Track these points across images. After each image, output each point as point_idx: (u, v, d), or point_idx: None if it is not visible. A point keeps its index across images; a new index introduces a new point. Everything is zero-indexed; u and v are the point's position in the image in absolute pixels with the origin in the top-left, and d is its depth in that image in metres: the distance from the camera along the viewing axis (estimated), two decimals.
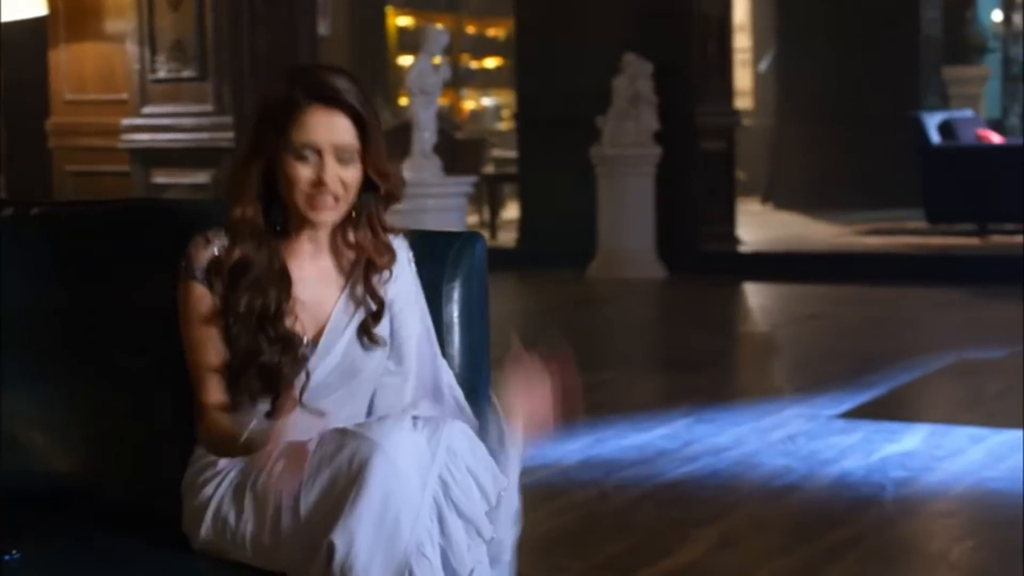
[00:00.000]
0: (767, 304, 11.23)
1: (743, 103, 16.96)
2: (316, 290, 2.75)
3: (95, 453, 2.96)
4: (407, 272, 2.83)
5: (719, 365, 8.56)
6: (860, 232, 13.97)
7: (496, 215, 15.28)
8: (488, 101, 22.26)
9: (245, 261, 2.69)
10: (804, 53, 16.77)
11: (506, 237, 13.24)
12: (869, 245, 13.10)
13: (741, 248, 12.67)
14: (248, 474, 2.61)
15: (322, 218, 2.70)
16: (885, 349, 8.49)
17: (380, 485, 2.43)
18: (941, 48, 17.06)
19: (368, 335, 2.74)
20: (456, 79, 19.15)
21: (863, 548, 4.74)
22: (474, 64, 21.93)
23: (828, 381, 7.45)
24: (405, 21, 20.88)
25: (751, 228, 13.52)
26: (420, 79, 9.64)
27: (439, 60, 9.94)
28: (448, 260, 2.97)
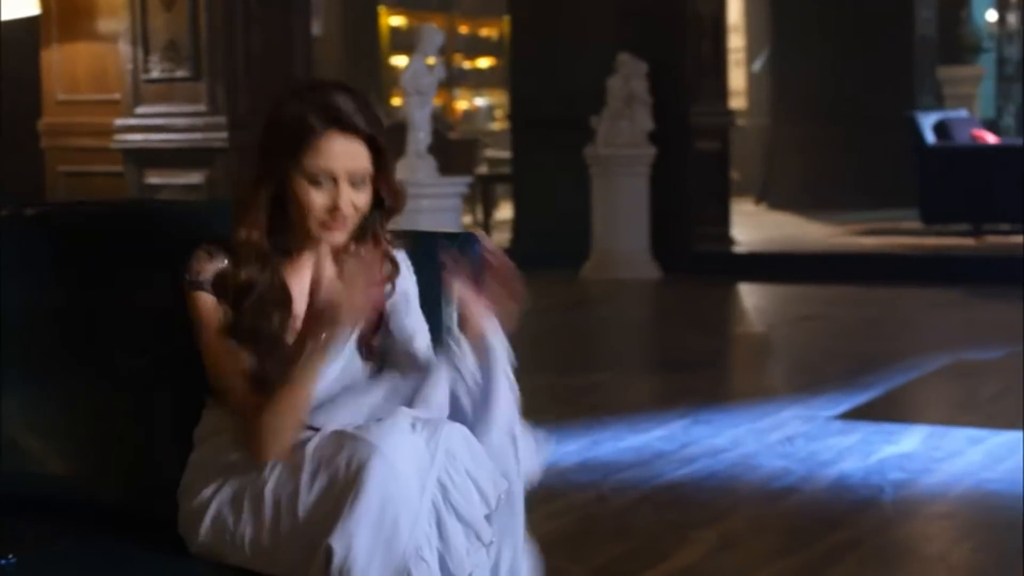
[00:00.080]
0: (762, 305, 11.20)
1: (737, 103, 16.93)
2: None
3: (92, 456, 2.94)
4: (409, 282, 2.83)
5: (715, 366, 8.54)
6: (855, 232, 13.96)
7: (489, 215, 15.27)
8: (481, 101, 22.24)
9: (250, 283, 2.68)
10: (798, 53, 16.78)
11: (500, 237, 13.18)
12: (864, 245, 13.09)
13: (736, 249, 12.65)
14: (247, 476, 2.60)
15: (335, 240, 2.70)
16: (881, 350, 8.47)
17: (378, 488, 2.43)
18: (936, 48, 17.07)
19: (368, 347, 2.75)
20: (449, 79, 19.11)
21: (862, 550, 4.72)
22: (467, 64, 21.90)
23: (825, 382, 7.43)
24: (398, 21, 20.86)
25: (745, 228, 13.50)
26: (415, 79, 9.61)
27: (434, 60, 9.91)
28: None
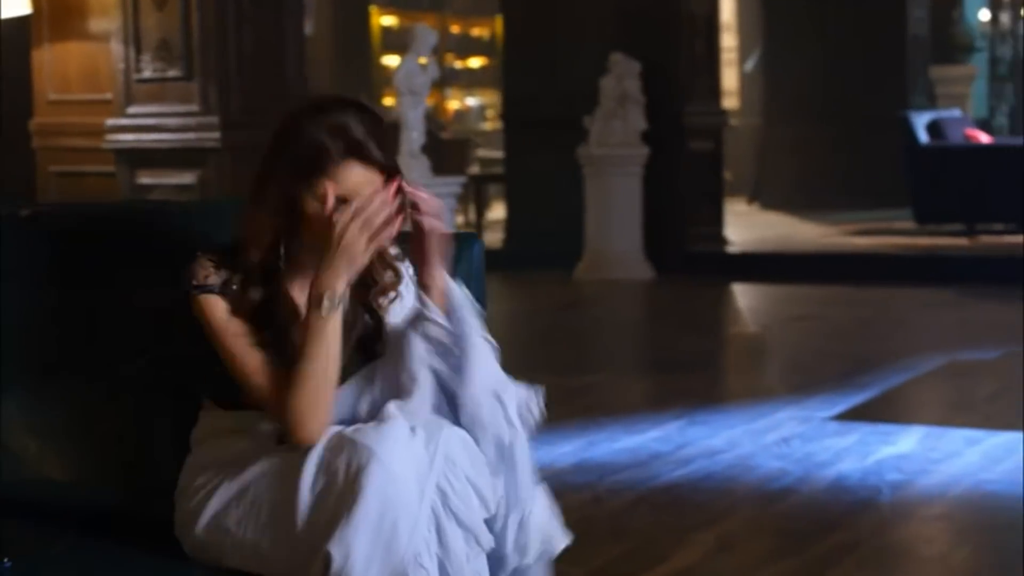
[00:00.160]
0: (756, 305, 11.18)
1: (729, 103, 16.93)
2: None
3: (90, 458, 2.92)
4: (411, 290, 2.79)
5: (709, 366, 8.52)
6: (848, 232, 13.95)
7: (482, 216, 15.24)
8: (472, 101, 22.22)
9: (259, 302, 2.66)
10: (791, 52, 16.76)
11: (492, 238, 13.16)
12: (857, 245, 13.07)
13: (729, 249, 12.63)
14: (245, 478, 2.60)
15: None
16: (876, 350, 8.45)
17: (377, 494, 2.42)
18: (928, 47, 17.07)
19: (367, 351, 2.72)
20: (440, 79, 19.09)
21: (861, 552, 4.70)
22: (458, 64, 21.88)
23: (820, 382, 7.40)
24: (389, 20, 20.84)
25: (738, 229, 13.48)
26: (408, 79, 9.60)
27: (427, 60, 9.89)
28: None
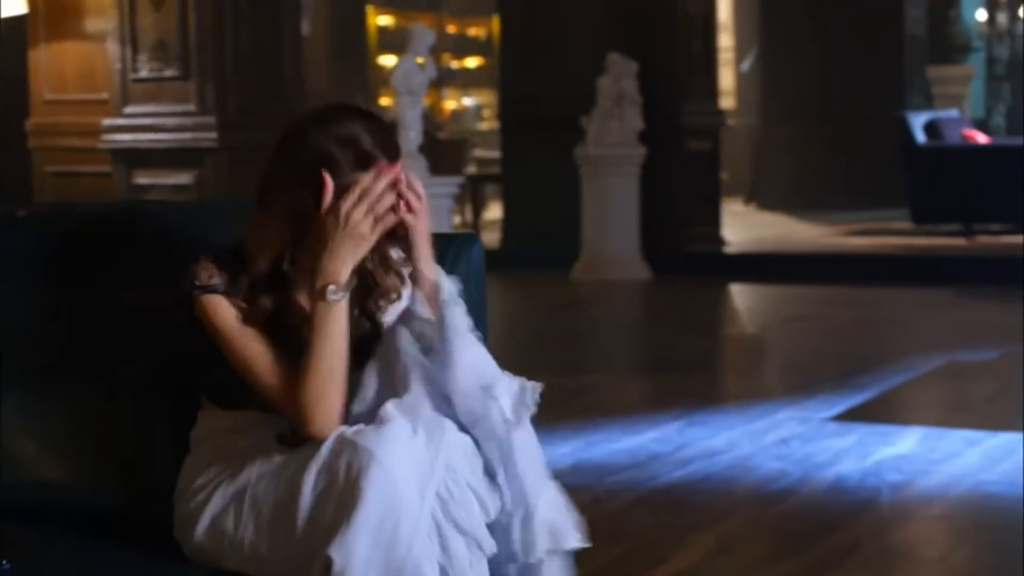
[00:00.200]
0: (753, 305, 11.17)
1: (725, 103, 16.91)
2: None
3: (88, 459, 2.90)
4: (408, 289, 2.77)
5: (708, 367, 8.50)
6: (845, 233, 13.94)
7: (478, 216, 15.23)
8: (469, 101, 22.20)
9: (270, 311, 2.66)
10: (787, 52, 16.76)
11: (489, 238, 13.14)
12: (855, 246, 13.06)
13: (726, 249, 12.61)
14: (244, 479, 2.59)
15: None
16: (875, 351, 8.44)
17: (378, 497, 2.42)
18: (925, 47, 17.06)
19: (363, 353, 2.70)
20: (437, 79, 19.10)
21: (861, 553, 4.68)
22: (455, 64, 21.86)
23: (819, 383, 7.39)
24: (385, 20, 20.81)
25: (735, 229, 13.46)
26: (406, 78, 9.58)
27: (424, 60, 9.87)
28: (445, 262, 2.88)
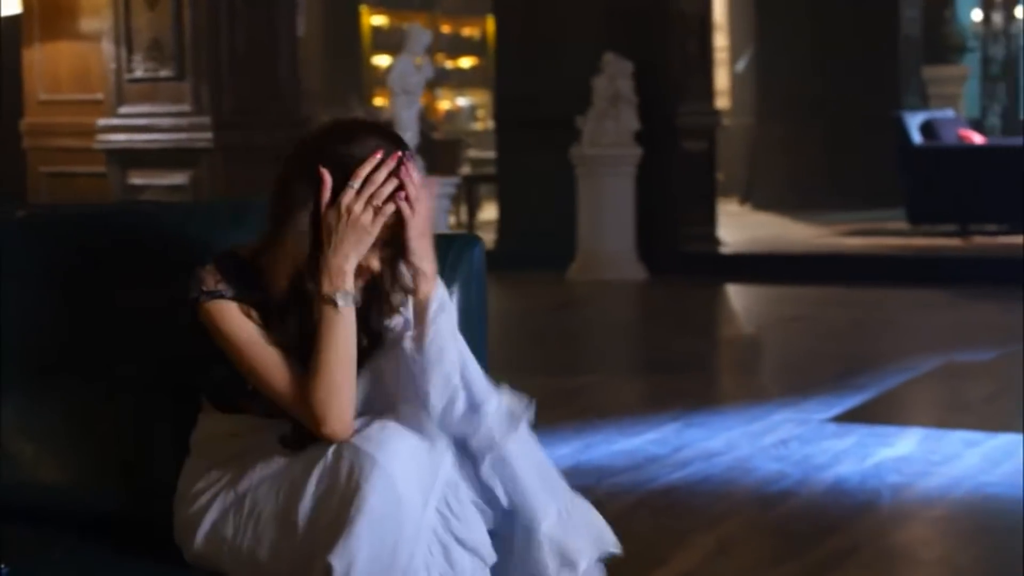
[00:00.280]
0: (750, 306, 11.15)
1: (720, 103, 16.87)
2: None
3: (87, 462, 2.87)
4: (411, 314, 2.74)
5: (704, 368, 8.48)
6: (840, 233, 13.93)
7: (473, 216, 15.21)
8: (463, 101, 22.19)
9: (292, 325, 2.62)
10: (782, 52, 16.75)
11: (484, 238, 13.09)
12: (851, 246, 13.05)
13: (722, 249, 12.60)
14: (244, 483, 2.57)
15: (356, 284, 2.62)
16: (872, 351, 8.42)
17: (379, 504, 2.40)
18: (921, 47, 17.05)
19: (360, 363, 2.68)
20: (431, 79, 19.11)
21: (862, 555, 4.66)
22: (449, 64, 21.85)
23: (817, 384, 7.36)
24: (379, 20, 20.80)
25: (730, 229, 13.45)
26: (402, 79, 9.56)
27: (421, 60, 9.85)
28: (446, 264, 2.88)
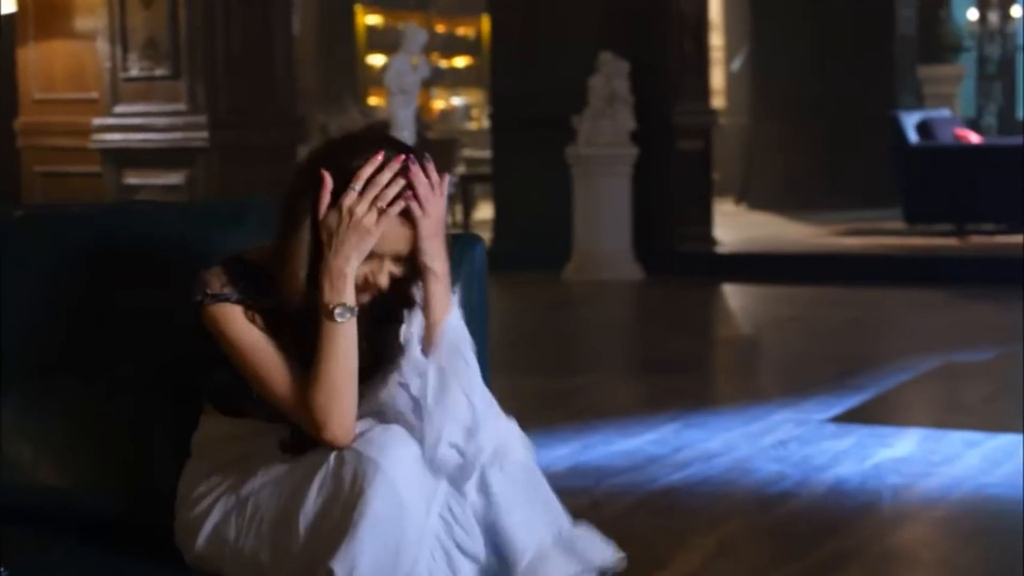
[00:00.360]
0: (747, 306, 11.13)
1: (715, 102, 16.88)
2: None
3: (87, 464, 2.85)
4: (417, 324, 2.71)
5: (702, 368, 8.46)
6: (836, 233, 13.91)
7: (468, 216, 15.19)
8: (458, 100, 22.17)
9: (293, 329, 2.60)
10: (778, 51, 16.72)
11: None
12: (847, 246, 13.03)
13: (719, 249, 12.58)
14: (246, 487, 2.56)
15: (362, 299, 2.60)
16: (870, 351, 8.40)
17: (382, 509, 2.39)
18: (916, 47, 17.04)
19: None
20: (428, 78, 19.09)
21: (864, 556, 4.64)
22: (444, 63, 21.82)
23: (815, 384, 7.34)
24: (374, 20, 20.77)
25: (726, 229, 13.42)
26: (399, 78, 9.55)
27: (418, 59, 9.84)
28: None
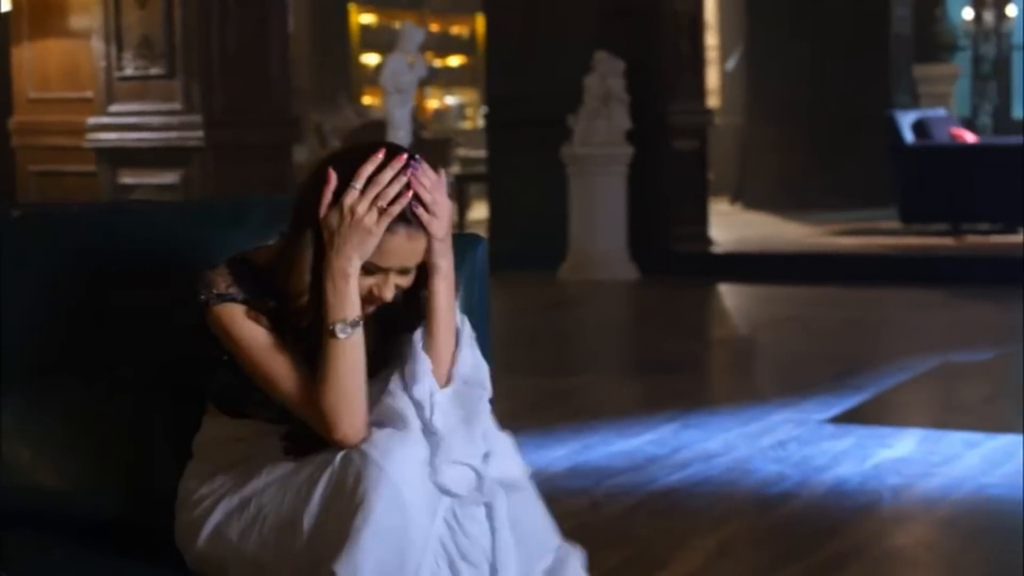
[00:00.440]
0: (743, 306, 11.12)
1: (710, 102, 16.86)
2: None
3: (87, 466, 2.83)
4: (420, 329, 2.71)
5: (699, 368, 8.45)
6: (832, 232, 13.90)
7: (463, 215, 15.16)
8: (452, 100, 22.15)
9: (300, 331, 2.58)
10: (773, 51, 16.72)
11: None
12: (844, 245, 13.02)
13: (714, 249, 12.56)
14: (248, 488, 2.55)
15: (367, 310, 2.58)
16: (868, 351, 8.39)
17: (385, 515, 2.38)
18: (911, 46, 17.04)
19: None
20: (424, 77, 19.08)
21: (864, 557, 4.63)
22: (438, 62, 21.80)
23: (813, 385, 7.32)
24: (368, 19, 20.76)
25: (721, 229, 13.40)
26: (395, 77, 9.52)
27: (414, 58, 9.82)
28: None
